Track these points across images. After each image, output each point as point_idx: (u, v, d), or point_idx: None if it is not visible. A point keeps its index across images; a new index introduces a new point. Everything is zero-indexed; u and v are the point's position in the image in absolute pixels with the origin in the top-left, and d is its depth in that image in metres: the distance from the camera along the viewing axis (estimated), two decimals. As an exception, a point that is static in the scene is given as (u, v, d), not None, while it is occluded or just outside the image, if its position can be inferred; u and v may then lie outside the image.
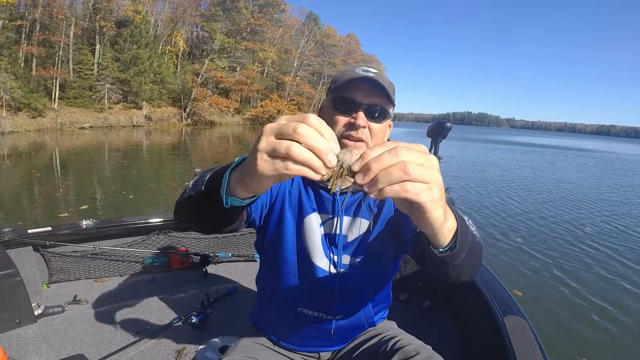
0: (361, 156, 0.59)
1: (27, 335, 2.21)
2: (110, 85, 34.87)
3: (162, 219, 3.49)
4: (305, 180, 1.31)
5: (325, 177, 0.59)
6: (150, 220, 3.45)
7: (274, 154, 0.59)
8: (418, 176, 0.58)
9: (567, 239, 7.86)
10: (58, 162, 15.00)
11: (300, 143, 0.58)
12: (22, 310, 2.23)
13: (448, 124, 3.39)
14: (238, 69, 48.77)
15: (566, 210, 10.41)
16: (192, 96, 42.15)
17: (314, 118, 0.59)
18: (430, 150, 3.24)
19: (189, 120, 42.07)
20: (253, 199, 0.81)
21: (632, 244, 7.84)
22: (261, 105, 51.51)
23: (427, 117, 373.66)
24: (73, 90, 33.21)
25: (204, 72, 44.35)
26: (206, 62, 45.09)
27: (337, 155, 0.59)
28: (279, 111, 51.63)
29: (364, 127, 1.17)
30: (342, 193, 1.29)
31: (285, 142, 0.58)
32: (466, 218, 0.95)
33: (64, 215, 7.50)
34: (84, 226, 3.08)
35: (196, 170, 3.23)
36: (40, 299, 2.73)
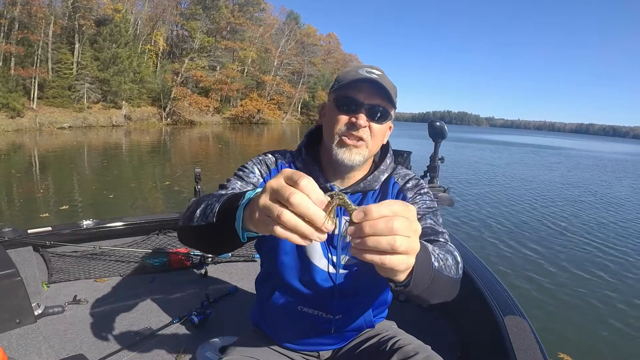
0: (364, 210, 0.61)
1: (27, 335, 2.22)
2: (90, 84, 34.53)
3: (162, 219, 3.50)
4: None
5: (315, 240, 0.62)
6: (150, 220, 3.45)
7: (267, 214, 0.63)
8: (402, 252, 0.62)
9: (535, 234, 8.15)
10: (37, 163, 14.91)
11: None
12: (22, 310, 2.25)
13: (437, 123, 3.45)
14: (218, 68, 48.92)
15: (517, 206, 10.76)
16: (172, 95, 41.99)
17: (306, 182, 0.61)
18: (436, 151, 3.59)
19: (168, 119, 41.84)
20: None
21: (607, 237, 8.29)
22: (241, 105, 51.79)
23: (407, 117, 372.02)
24: (52, 90, 32.76)
25: (184, 71, 44.31)
26: (186, 61, 45.06)
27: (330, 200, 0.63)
28: (259, 110, 52.01)
29: (364, 126, 1.20)
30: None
31: (277, 208, 0.61)
32: (437, 253, 0.98)
33: (44, 215, 7.55)
34: (84, 226, 3.09)
35: (196, 170, 3.46)
36: (40, 299, 2.70)
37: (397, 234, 0.61)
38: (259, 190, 0.74)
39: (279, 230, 0.61)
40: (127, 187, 11.09)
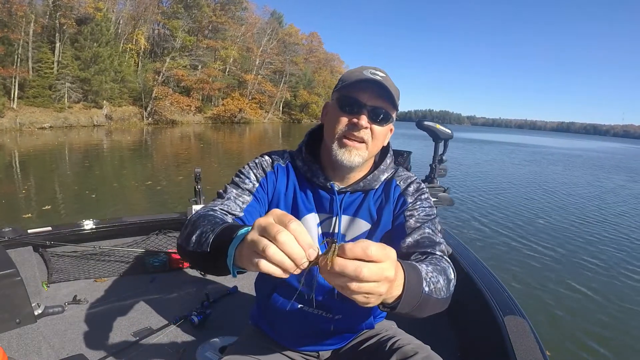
0: (337, 251, 0.64)
1: (27, 335, 2.20)
2: (71, 84, 34.04)
3: (162, 219, 3.51)
4: (303, 180, 1.35)
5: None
6: (150, 220, 3.45)
7: (253, 249, 0.65)
8: (360, 293, 0.66)
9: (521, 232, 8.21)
10: (18, 163, 14.76)
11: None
12: (22, 310, 2.23)
13: (425, 122, 3.32)
14: (199, 67, 48.63)
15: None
16: (153, 95, 41.48)
17: (295, 225, 0.64)
18: (437, 152, 3.43)
19: (150, 119, 41.42)
20: None
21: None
22: (223, 104, 51.66)
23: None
24: (32, 90, 32.19)
25: (165, 70, 43.96)
26: (167, 61, 44.73)
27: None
28: (240, 109, 52.00)
29: (365, 128, 1.19)
30: (341, 192, 1.32)
31: (264, 242, 0.63)
32: (429, 276, 0.97)
33: (27, 216, 7.61)
34: (84, 226, 3.09)
35: (196, 170, 3.46)
36: (40, 299, 2.69)
37: (363, 280, 0.65)
38: (249, 228, 0.76)
39: (263, 264, 0.64)
40: (110, 187, 11.17)
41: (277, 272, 0.64)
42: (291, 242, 0.63)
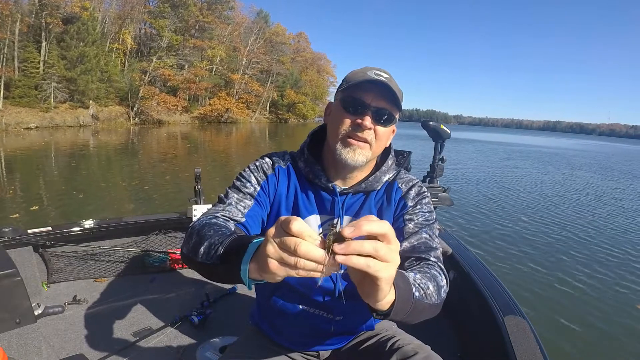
0: (355, 224, 0.65)
1: (27, 335, 2.20)
2: (57, 83, 33.73)
3: (162, 219, 3.50)
4: (305, 182, 1.35)
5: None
6: (150, 220, 3.44)
7: (284, 263, 0.66)
8: (383, 255, 0.65)
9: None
10: (4, 164, 14.76)
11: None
12: (22, 310, 2.23)
13: (431, 123, 3.34)
14: (186, 66, 48.49)
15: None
16: (140, 95, 41.18)
17: (297, 226, 0.64)
18: (435, 151, 3.46)
19: (136, 119, 41.15)
20: None
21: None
22: (209, 104, 51.50)
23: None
24: (18, 90, 31.88)
25: (152, 70, 43.74)
26: (154, 60, 44.53)
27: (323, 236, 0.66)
28: (227, 109, 51.97)
29: (369, 128, 1.19)
30: (343, 193, 1.31)
31: (292, 259, 0.64)
32: (418, 283, 0.99)
33: (15, 216, 7.70)
34: (84, 226, 3.09)
35: (196, 170, 3.47)
36: (40, 299, 2.72)
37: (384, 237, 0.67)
38: (258, 240, 0.80)
39: (302, 273, 0.66)
40: (97, 186, 11.21)
41: (312, 275, 0.66)
42: (311, 252, 0.64)
